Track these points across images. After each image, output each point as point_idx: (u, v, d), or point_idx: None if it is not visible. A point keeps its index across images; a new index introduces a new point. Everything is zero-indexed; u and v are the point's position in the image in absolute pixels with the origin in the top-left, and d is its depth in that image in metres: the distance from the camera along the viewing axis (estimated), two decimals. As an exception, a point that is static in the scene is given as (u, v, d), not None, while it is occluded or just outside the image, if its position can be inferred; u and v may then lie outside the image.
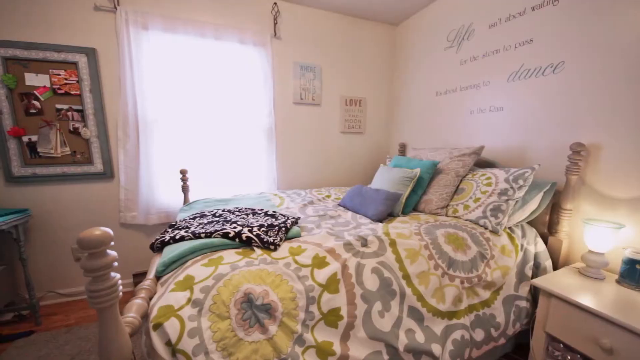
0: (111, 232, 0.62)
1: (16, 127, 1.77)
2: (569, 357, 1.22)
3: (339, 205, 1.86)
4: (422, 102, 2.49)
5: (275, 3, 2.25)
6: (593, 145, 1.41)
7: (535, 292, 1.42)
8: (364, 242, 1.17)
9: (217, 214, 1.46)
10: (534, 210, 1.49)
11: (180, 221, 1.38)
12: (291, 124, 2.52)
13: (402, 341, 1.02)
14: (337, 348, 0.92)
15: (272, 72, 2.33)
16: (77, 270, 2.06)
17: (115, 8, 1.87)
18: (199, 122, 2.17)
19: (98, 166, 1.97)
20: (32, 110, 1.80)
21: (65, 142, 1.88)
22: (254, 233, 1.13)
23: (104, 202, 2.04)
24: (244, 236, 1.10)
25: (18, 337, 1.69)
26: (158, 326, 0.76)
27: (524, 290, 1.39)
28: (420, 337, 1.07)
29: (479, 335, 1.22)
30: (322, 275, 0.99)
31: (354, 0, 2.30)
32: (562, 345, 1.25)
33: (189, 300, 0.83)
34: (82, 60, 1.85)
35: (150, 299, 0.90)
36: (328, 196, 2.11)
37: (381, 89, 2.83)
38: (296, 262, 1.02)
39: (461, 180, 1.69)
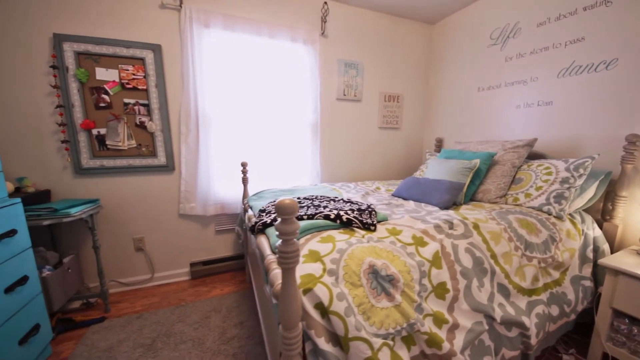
0: (297, 202, 0.70)
1: (87, 120, 1.84)
2: (635, 330, 1.31)
3: (393, 195, 1.95)
4: (462, 97, 2.58)
5: (325, 2, 2.34)
6: (649, 136, 1.50)
7: (595, 273, 1.52)
8: (451, 225, 1.25)
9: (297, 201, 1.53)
10: (591, 197, 1.59)
11: (266, 207, 1.45)
12: (333, 120, 2.60)
13: (498, 313, 1.11)
14: (448, 317, 1.01)
15: (318, 69, 2.41)
16: (136, 260, 2.13)
17: (180, 6, 1.94)
18: (251, 118, 2.25)
19: (161, 159, 2.04)
20: (102, 104, 1.87)
21: (132, 135, 1.95)
22: (352, 215, 1.21)
23: (164, 194, 2.11)
24: (344, 217, 1.18)
25: (91, 323, 1.75)
26: (308, 291, 0.84)
27: (587, 272, 1.49)
28: (510, 310, 1.16)
29: (554, 310, 1.31)
30: (427, 252, 1.08)
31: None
32: (627, 320, 1.34)
33: (324, 270, 0.91)
34: (148, 56, 1.92)
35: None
36: (378, 188, 2.20)
37: (417, 85, 2.93)
38: (399, 240, 1.11)
39: (517, 171, 1.78)
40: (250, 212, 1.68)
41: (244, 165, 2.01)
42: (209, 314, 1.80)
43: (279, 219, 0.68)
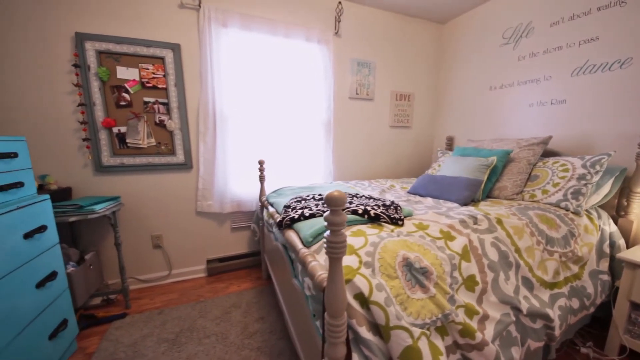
0: (346, 196, 0.72)
1: (108, 119, 1.86)
2: (654, 324, 1.34)
3: (409, 193, 1.97)
4: (474, 96, 2.61)
5: (339, 2, 2.36)
6: (664, 133, 1.54)
7: (612, 267, 1.55)
8: (475, 220, 1.28)
9: (317, 198, 1.56)
10: (607, 194, 1.62)
11: (290, 203, 1.48)
12: (346, 118, 2.63)
13: (524, 305, 1.14)
14: (478, 309, 1.04)
15: (332, 69, 2.43)
16: (154, 257, 2.15)
17: (199, 6, 1.96)
18: (266, 116, 2.28)
19: (180, 157, 2.06)
20: (122, 103, 1.89)
21: (151, 133, 1.97)
22: (379, 210, 1.23)
23: (182, 192, 2.13)
24: (372, 213, 1.21)
25: (113, 319, 1.77)
26: (347, 282, 0.87)
27: (604, 266, 1.52)
28: (535, 302, 1.19)
29: (575, 303, 1.34)
30: (456, 246, 1.10)
31: None
32: (645, 313, 1.37)
33: (360, 262, 0.94)
34: (168, 55, 1.94)
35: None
36: (392, 186, 2.22)
37: (428, 84, 2.96)
38: (428, 235, 1.13)
39: (532, 168, 1.81)
40: (271, 208, 1.70)
41: (261, 163, 2.04)
42: (229, 310, 1.83)
43: (329, 211, 0.70)
